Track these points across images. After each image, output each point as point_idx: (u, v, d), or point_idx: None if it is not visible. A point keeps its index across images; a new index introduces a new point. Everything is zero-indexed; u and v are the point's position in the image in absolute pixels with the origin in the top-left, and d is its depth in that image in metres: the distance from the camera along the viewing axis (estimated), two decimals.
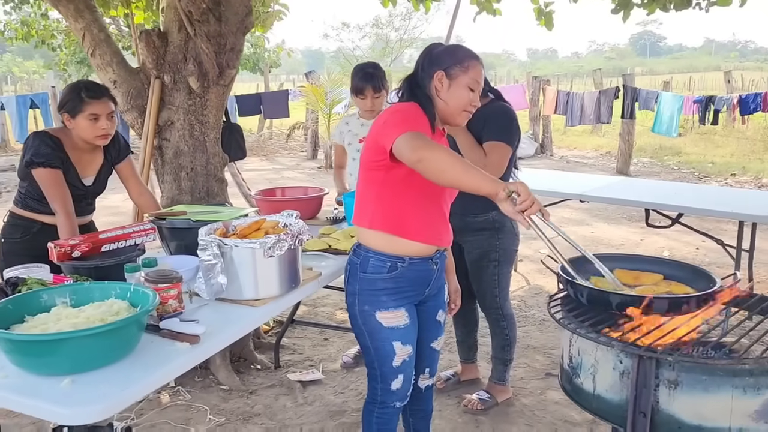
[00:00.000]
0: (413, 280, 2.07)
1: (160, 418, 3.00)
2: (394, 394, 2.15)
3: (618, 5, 4.43)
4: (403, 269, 2.03)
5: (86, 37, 3.34)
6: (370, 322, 2.08)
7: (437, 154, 1.72)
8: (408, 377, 2.17)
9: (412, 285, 2.08)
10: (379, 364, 2.12)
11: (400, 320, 2.07)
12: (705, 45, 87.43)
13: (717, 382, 1.56)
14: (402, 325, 2.08)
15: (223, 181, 3.53)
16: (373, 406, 2.20)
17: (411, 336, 2.12)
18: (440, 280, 2.21)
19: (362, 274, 2.06)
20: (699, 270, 2.01)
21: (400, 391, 2.16)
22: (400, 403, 2.19)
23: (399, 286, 2.05)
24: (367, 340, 2.12)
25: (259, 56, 15.60)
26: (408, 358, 2.13)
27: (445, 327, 2.36)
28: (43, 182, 2.43)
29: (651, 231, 6.20)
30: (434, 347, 2.30)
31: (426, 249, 2.06)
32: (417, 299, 2.14)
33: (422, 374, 2.31)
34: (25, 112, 10.01)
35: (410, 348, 2.12)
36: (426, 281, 2.12)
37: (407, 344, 2.11)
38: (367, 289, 2.06)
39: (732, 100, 8.32)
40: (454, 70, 1.96)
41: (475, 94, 1.99)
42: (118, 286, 1.78)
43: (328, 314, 4.35)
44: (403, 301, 2.07)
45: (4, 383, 1.49)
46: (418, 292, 2.12)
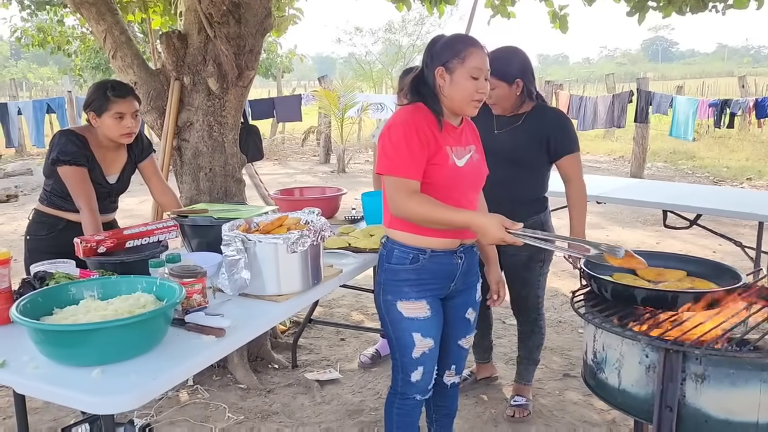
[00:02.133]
0: (436, 273, 2.08)
1: (179, 416, 3.02)
2: (413, 386, 2.16)
3: (633, 8, 4.42)
4: (425, 261, 2.05)
5: (108, 39, 3.38)
6: (392, 311, 2.11)
7: (410, 211, 1.92)
8: (429, 371, 2.17)
9: (435, 278, 2.09)
10: (400, 355, 2.15)
11: (420, 312, 2.08)
12: (718, 50, 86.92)
13: (745, 376, 1.55)
14: (422, 317, 2.09)
15: (241, 182, 3.55)
16: (394, 397, 2.22)
17: (432, 329, 2.12)
18: (468, 276, 2.19)
19: (387, 265, 2.11)
20: (722, 266, 2.00)
21: (420, 383, 2.16)
22: (420, 396, 2.20)
23: (421, 278, 2.07)
24: (390, 329, 2.15)
25: (271, 61, 15.68)
26: (428, 351, 2.13)
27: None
28: (68, 180, 2.47)
29: (667, 234, 6.18)
30: (462, 345, 2.29)
31: (448, 243, 2.06)
32: (441, 293, 2.14)
33: (448, 370, 2.31)
34: (41, 116, 10.13)
35: (431, 341, 2.12)
36: (450, 275, 2.11)
37: (428, 337, 2.11)
38: (391, 279, 2.10)
39: (748, 103, 8.27)
40: (452, 64, 1.96)
41: (479, 82, 1.96)
42: (144, 280, 1.81)
43: (344, 315, 4.36)
44: (425, 293, 2.08)
45: (36, 373, 1.51)
46: (441, 285, 2.12)
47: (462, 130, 2.11)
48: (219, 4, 3.11)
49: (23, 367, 1.54)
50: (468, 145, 2.10)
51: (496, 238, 1.81)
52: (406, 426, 2.24)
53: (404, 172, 1.92)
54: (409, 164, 1.92)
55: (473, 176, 2.10)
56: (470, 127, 2.19)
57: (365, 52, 22.87)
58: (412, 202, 1.91)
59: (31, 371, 1.52)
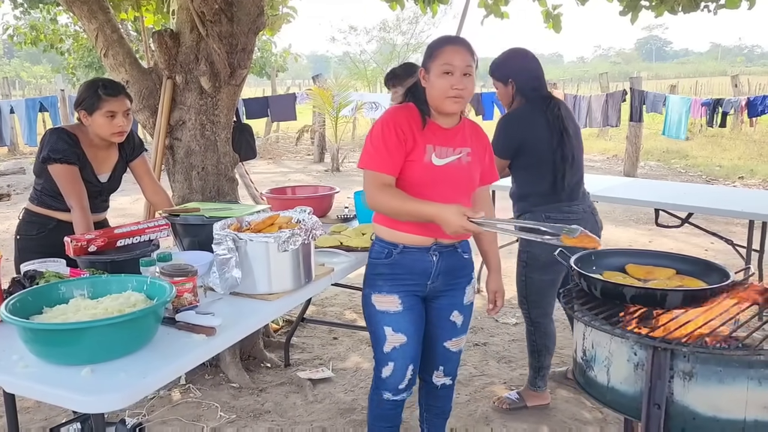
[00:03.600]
0: (410, 269, 2.12)
1: (171, 415, 3.02)
2: (384, 383, 2.20)
3: (626, 7, 4.43)
4: (398, 256, 2.11)
5: (99, 37, 3.37)
6: (368, 304, 2.19)
7: (381, 203, 2.01)
8: (400, 368, 2.17)
9: (410, 274, 2.12)
10: (374, 349, 2.22)
11: (391, 306, 2.13)
12: (711, 50, 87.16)
13: (732, 374, 1.56)
14: (393, 311, 2.13)
15: (234, 181, 3.55)
16: (373, 392, 2.28)
17: (404, 325, 2.14)
18: (451, 277, 2.19)
19: (369, 259, 2.21)
20: (712, 265, 2.01)
21: (390, 380, 2.18)
22: (390, 394, 2.21)
23: (395, 273, 2.12)
24: (368, 323, 2.23)
25: (266, 60, 15.64)
26: (399, 347, 2.15)
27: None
28: (59, 178, 2.46)
29: (659, 233, 6.20)
30: (448, 347, 2.28)
31: (421, 239, 2.10)
32: (419, 291, 2.16)
33: (436, 371, 2.31)
34: (34, 115, 10.06)
35: (403, 337, 2.14)
36: (425, 272, 2.13)
37: (399, 332, 2.14)
38: (370, 273, 2.19)
39: (740, 102, 8.31)
40: (428, 64, 2.03)
41: (453, 77, 1.97)
42: (134, 279, 1.81)
43: (337, 313, 4.36)
44: (398, 288, 2.13)
45: (26, 373, 1.51)
46: (417, 282, 2.14)
47: (455, 131, 2.10)
48: (211, 3, 3.10)
49: (13, 366, 1.54)
50: (459, 147, 2.10)
51: (456, 226, 1.82)
52: (380, 420, 2.29)
53: (378, 166, 2.00)
54: (384, 159, 2.00)
55: (455, 177, 2.09)
56: (472, 130, 2.18)
57: (360, 50, 22.89)
58: (384, 195, 1.98)
59: (20, 370, 1.52)
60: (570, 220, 2.73)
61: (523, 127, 2.75)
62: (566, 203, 2.79)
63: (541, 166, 2.77)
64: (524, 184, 2.86)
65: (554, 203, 2.78)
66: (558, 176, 2.74)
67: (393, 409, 2.26)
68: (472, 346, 3.82)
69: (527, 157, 2.77)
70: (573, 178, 2.79)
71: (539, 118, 2.73)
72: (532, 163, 2.77)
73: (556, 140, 2.73)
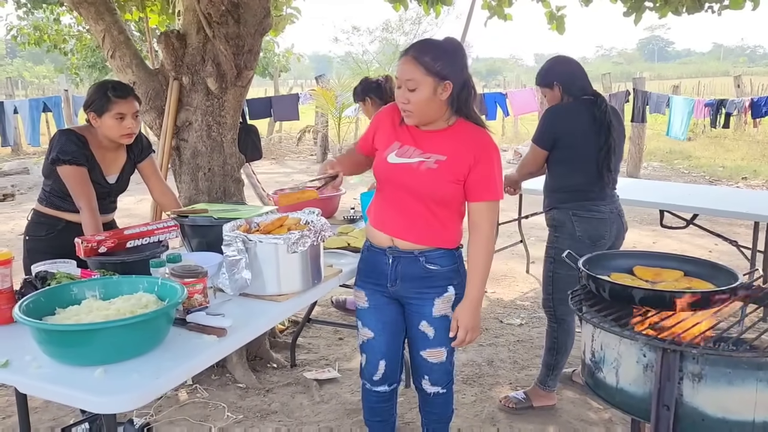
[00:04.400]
0: (371, 266, 2.20)
1: (179, 415, 3.03)
2: (362, 372, 2.32)
3: (630, 8, 4.44)
4: (366, 253, 2.24)
5: (106, 39, 3.38)
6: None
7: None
8: (371, 362, 2.27)
9: (371, 271, 2.20)
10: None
11: (360, 300, 2.25)
12: (713, 50, 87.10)
13: (741, 375, 1.57)
14: (361, 306, 2.25)
15: (240, 181, 3.56)
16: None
17: (371, 321, 2.23)
18: (414, 285, 2.11)
19: None
20: (719, 266, 2.01)
21: (365, 371, 2.30)
22: (368, 384, 2.31)
23: (363, 268, 2.25)
24: None
25: (268, 60, 15.66)
26: (367, 341, 2.25)
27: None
28: (68, 179, 2.47)
29: (663, 234, 6.20)
30: (424, 357, 2.20)
31: (380, 237, 2.14)
32: (382, 291, 2.19)
33: (423, 379, 2.27)
34: (37, 115, 10.08)
35: (369, 332, 2.24)
36: (382, 274, 2.15)
37: (366, 327, 2.25)
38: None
39: (744, 103, 8.30)
40: None
41: (400, 90, 1.98)
42: (145, 280, 1.82)
43: (342, 314, 4.37)
44: (364, 284, 2.23)
45: (39, 373, 1.52)
46: (377, 282, 2.19)
47: (434, 135, 2.04)
48: (218, 4, 3.12)
49: (26, 366, 1.55)
50: (430, 152, 2.02)
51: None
52: (371, 414, 2.39)
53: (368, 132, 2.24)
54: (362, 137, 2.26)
55: (402, 179, 2.05)
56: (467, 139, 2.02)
57: (362, 51, 22.89)
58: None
59: (33, 371, 1.53)
60: (595, 219, 2.81)
61: (565, 120, 2.83)
62: (594, 202, 2.83)
63: (577, 161, 2.82)
64: (558, 178, 2.91)
65: (583, 201, 2.82)
66: (598, 172, 2.80)
67: (379, 402, 2.33)
68: (477, 346, 3.83)
69: (565, 151, 2.83)
70: (609, 176, 2.84)
71: (584, 115, 2.80)
72: (570, 157, 2.83)
73: (601, 137, 2.78)
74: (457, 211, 2.11)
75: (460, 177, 2.02)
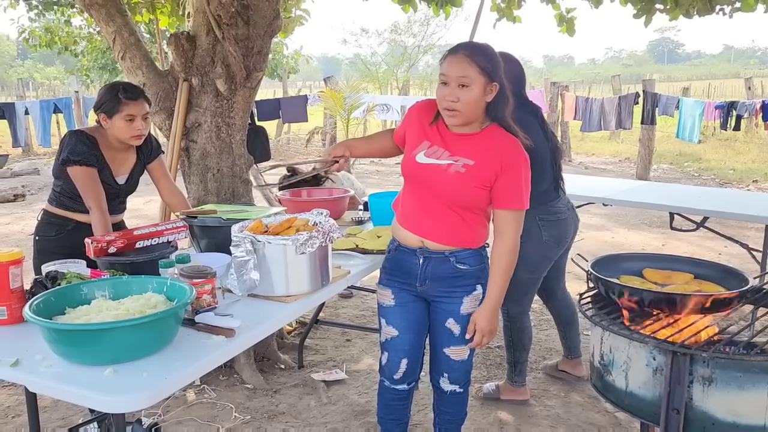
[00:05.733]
0: (399, 267, 2.20)
1: (186, 415, 3.04)
2: (383, 370, 2.31)
3: (640, 10, 4.42)
4: (394, 253, 2.23)
5: (117, 40, 3.40)
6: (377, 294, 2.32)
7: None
8: (392, 359, 2.26)
9: (399, 271, 2.21)
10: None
11: (385, 299, 2.25)
12: (724, 52, 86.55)
13: (752, 379, 1.56)
14: (386, 304, 2.25)
15: (249, 183, 3.57)
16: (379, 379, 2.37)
17: (396, 319, 2.23)
18: (443, 284, 2.14)
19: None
20: (730, 269, 2.00)
21: (386, 369, 2.29)
22: (388, 382, 2.30)
23: (389, 267, 2.25)
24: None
25: (277, 62, 15.69)
26: (390, 339, 2.25)
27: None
28: (78, 180, 2.48)
29: (672, 236, 6.17)
30: (447, 354, 2.23)
31: (410, 238, 2.15)
32: (410, 289, 2.20)
33: (441, 377, 2.28)
34: (48, 116, 10.17)
35: (394, 330, 2.24)
36: (412, 273, 2.17)
37: (390, 325, 2.25)
38: (382, 265, 2.33)
39: (755, 105, 8.25)
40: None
41: (448, 88, 1.93)
42: (155, 281, 1.83)
43: (349, 316, 4.38)
44: (391, 282, 2.24)
45: (48, 372, 1.53)
46: (405, 281, 2.20)
47: (465, 139, 2.03)
48: (228, 6, 3.12)
49: (36, 365, 1.56)
50: (458, 156, 2.02)
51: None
52: (386, 411, 2.37)
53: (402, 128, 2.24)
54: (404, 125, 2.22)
55: (430, 180, 2.06)
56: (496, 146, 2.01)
57: (371, 53, 22.93)
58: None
59: (43, 370, 1.54)
60: (560, 221, 2.92)
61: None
62: (554, 204, 2.92)
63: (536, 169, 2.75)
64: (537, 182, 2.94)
65: (545, 205, 2.89)
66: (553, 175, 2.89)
67: (396, 400, 2.33)
68: (485, 349, 3.82)
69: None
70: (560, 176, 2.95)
71: (534, 124, 2.80)
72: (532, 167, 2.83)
73: (550, 142, 2.88)
74: (483, 213, 2.13)
75: (486, 183, 2.02)
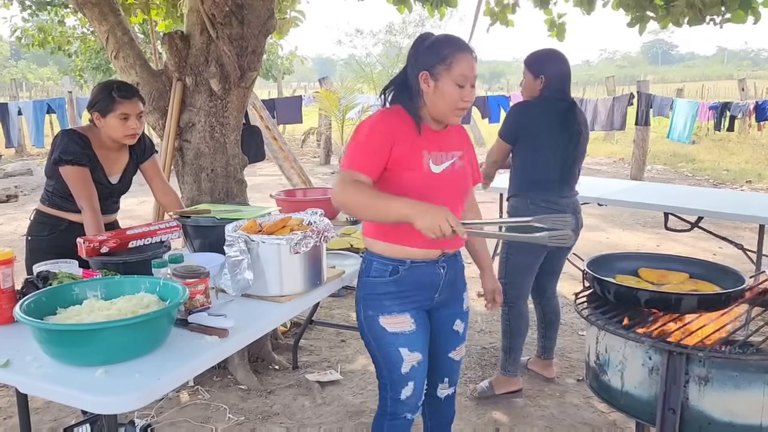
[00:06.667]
0: (417, 284, 2.00)
1: (180, 417, 3.02)
2: (404, 404, 2.07)
3: (634, 19, 4.47)
4: (405, 272, 1.98)
5: (110, 39, 3.38)
6: (375, 327, 2.02)
7: (346, 198, 1.81)
8: (419, 386, 2.08)
9: (418, 289, 2.01)
10: (388, 372, 2.05)
11: (405, 326, 2.00)
12: (717, 53, 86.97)
13: (748, 379, 1.55)
14: (408, 331, 2.00)
15: (243, 182, 3.55)
16: (383, 418, 2.11)
17: (419, 343, 2.04)
18: (454, 287, 2.11)
19: (365, 279, 2.03)
20: (725, 269, 2.00)
21: (411, 400, 2.07)
22: (411, 414, 2.10)
23: (402, 290, 1.99)
24: (374, 347, 2.05)
25: (272, 63, 15.69)
26: (417, 365, 2.03)
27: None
28: (70, 180, 2.46)
29: (667, 237, 6.18)
30: (453, 357, 2.21)
31: (428, 252, 1.98)
32: (426, 305, 2.06)
33: (441, 384, 2.23)
34: (41, 117, 10.12)
35: (419, 355, 2.03)
36: (433, 286, 2.04)
37: (415, 351, 2.02)
38: (370, 293, 2.02)
39: (748, 106, 8.28)
40: (437, 70, 1.86)
41: (465, 90, 1.86)
42: (147, 280, 1.81)
43: (344, 316, 4.36)
44: (407, 306, 2.00)
45: (40, 373, 1.51)
46: (425, 297, 2.04)
47: (445, 134, 2.01)
48: (222, 5, 3.11)
49: (27, 366, 1.54)
50: (451, 151, 2.00)
51: (435, 227, 1.67)
52: None
53: (356, 165, 1.85)
54: (363, 159, 1.85)
55: (453, 184, 2.00)
56: (458, 131, 2.09)
57: (365, 53, 22.93)
58: (351, 189, 1.80)
59: (34, 371, 1.52)
60: (551, 210, 2.90)
61: (528, 117, 2.95)
62: (551, 195, 2.94)
63: (537, 155, 2.95)
64: (519, 168, 3.05)
65: (540, 192, 2.95)
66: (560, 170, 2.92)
67: (408, 427, 2.14)
68: (480, 349, 3.82)
69: (527, 145, 2.98)
70: (570, 176, 2.98)
71: (551, 113, 2.90)
72: (531, 151, 2.96)
73: (570, 141, 2.90)
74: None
75: (472, 167, 2.10)
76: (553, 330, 3.37)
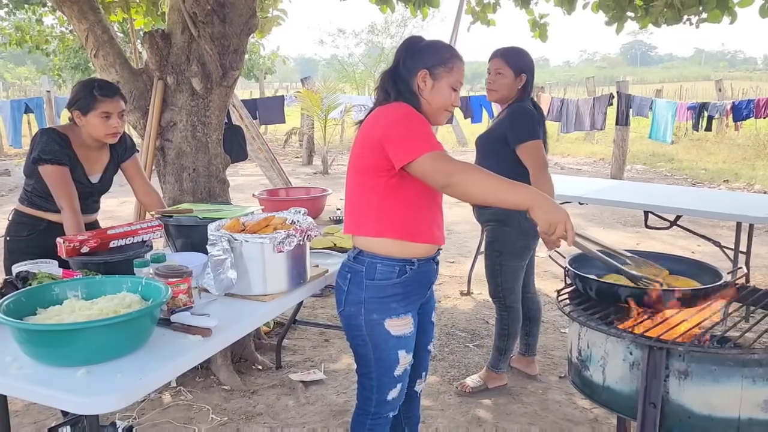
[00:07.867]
0: (419, 283, 2.01)
1: (162, 418, 2.99)
2: (388, 405, 2.08)
3: (612, 18, 4.52)
4: (412, 272, 1.96)
5: (90, 38, 3.35)
6: (379, 331, 1.97)
7: (469, 178, 1.71)
8: (404, 386, 2.11)
9: (418, 288, 2.02)
10: (379, 374, 2.04)
11: (407, 328, 2.00)
12: (695, 55, 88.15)
13: (727, 373, 1.58)
14: (409, 333, 2.02)
15: (225, 182, 3.53)
16: (364, 417, 2.11)
17: (413, 343, 2.06)
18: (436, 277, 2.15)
19: (369, 282, 1.96)
20: (704, 265, 2.03)
21: (395, 401, 2.10)
22: (392, 413, 2.12)
23: (407, 291, 1.98)
24: (370, 350, 2.02)
25: (254, 63, 15.62)
26: (408, 367, 2.07)
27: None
28: (49, 179, 2.43)
29: (647, 235, 6.26)
30: (429, 350, 2.27)
31: (430, 248, 2.01)
32: (420, 302, 2.09)
33: (419, 379, 2.26)
34: (19, 116, 9.98)
35: (411, 356, 2.07)
36: (429, 282, 2.08)
37: (410, 352, 2.05)
38: (376, 297, 1.96)
39: (725, 106, 8.41)
40: (438, 70, 1.92)
41: (456, 94, 1.98)
42: (129, 280, 1.79)
43: (327, 315, 4.35)
44: (410, 306, 2.01)
45: (20, 374, 1.49)
46: (421, 294, 2.07)
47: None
48: (203, 4, 3.09)
49: (6, 367, 1.52)
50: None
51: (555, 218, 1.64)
52: None
53: (436, 145, 1.78)
54: (433, 139, 1.80)
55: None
56: None
57: (348, 53, 22.93)
58: (467, 166, 1.74)
59: (14, 371, 1.50)
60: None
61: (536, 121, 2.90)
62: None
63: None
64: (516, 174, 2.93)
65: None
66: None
67: (388, 424, 2.16)
68: (463, 347, 3.83)
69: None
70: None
71: (541, 122, 2.93)
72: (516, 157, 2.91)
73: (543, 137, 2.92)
74: None
75: None
76: (535, 326, 3.40)
